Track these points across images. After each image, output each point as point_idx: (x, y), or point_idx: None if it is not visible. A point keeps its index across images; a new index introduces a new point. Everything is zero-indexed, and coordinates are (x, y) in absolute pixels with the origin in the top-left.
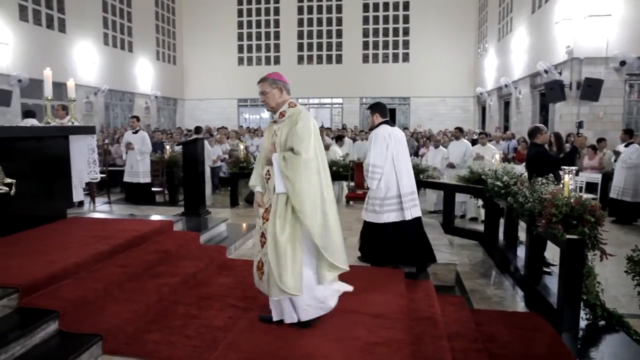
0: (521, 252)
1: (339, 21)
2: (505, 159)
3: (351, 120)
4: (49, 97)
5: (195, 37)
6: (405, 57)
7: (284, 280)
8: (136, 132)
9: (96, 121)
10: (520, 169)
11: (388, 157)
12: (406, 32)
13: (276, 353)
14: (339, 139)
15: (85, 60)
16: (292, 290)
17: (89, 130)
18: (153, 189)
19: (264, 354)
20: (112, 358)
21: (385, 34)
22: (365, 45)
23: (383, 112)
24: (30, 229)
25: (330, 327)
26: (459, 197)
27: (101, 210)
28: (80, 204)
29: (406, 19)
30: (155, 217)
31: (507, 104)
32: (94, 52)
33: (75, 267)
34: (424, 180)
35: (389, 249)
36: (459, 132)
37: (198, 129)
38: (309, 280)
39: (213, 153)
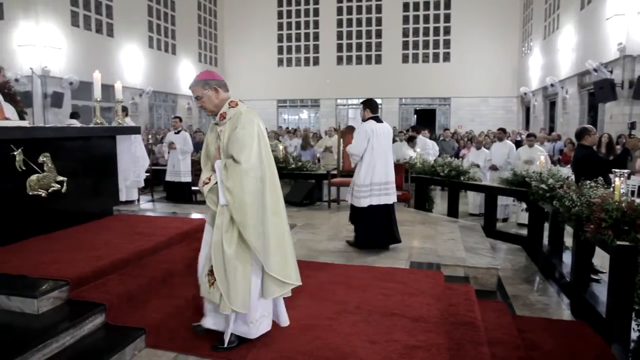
0: (567, 258)
1: (379, 21)
2: (550, 161)
3: (390, 120)
4: (98, 99)
5: (235, 39)
6: (446, 57)
7: (232, 297)
8: (178, 132)
9: (141, 122)
10: (566, 171)
11: (368, 149)
12: (447, 31)
13: (312, 353)
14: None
15: (131, 63)
16: (239, 308)
17: (134, 130)
18: (193, 188)
19: (299, 353)
20: (155, 351)
21: (426, 33)
22: (405, 45)
23: (373, 109)
24: (79, 224)
25: (368, 329)
26: (502, 200)
27: (145, 208)
28: (130, 202)
29: (447, 18)
30: (195, 216)
31: (552, 104)
32: (140, 55)
33: (121, 262)
34: (464, 182)
35: (367, 229)
36: (502, 133)
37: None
38: (254, 294)
39: None
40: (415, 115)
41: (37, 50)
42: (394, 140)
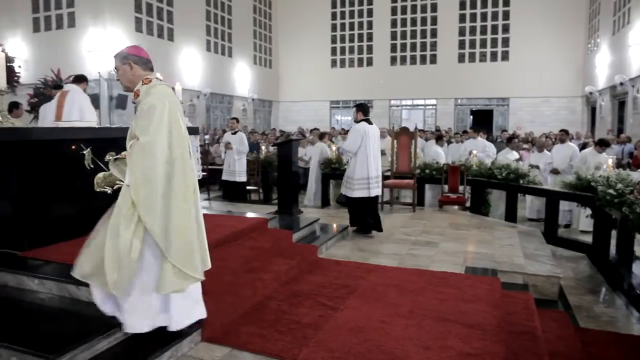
0: (637, 268)
1: (434, 20)
2: (619, 164)
3: (445, 122)
4: None
5: (290, 41)
6: (505, 56)
7: (110, 275)
8: (235, 132)
9: (198, 123)
10: (637, 175)
11: (362, 147)
12: (506, 29)
13: (364, 355)
14: (439, 139)
15: (189, 66)
16: (112, 287)
17: (192, 131)
18: (248, 187)
19: (351, 354)
20: (210, 346)
21: (483, 31)
22: (461, 44)
23: (365, 112)
24: None
25: (421, 334)
26: (564, 205)
27: (201, 205)
28: None
29: (506, 15)
30: (250, 215)
31: (621, 104)
32: (198, 58)
33: None
34: (524, 186)
35: (359, 215)
36: (564, 135)
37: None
38: (145, 286)
39: (305, 154)
40: (472, 116)
41: (104, 55)
42: (449, 142)
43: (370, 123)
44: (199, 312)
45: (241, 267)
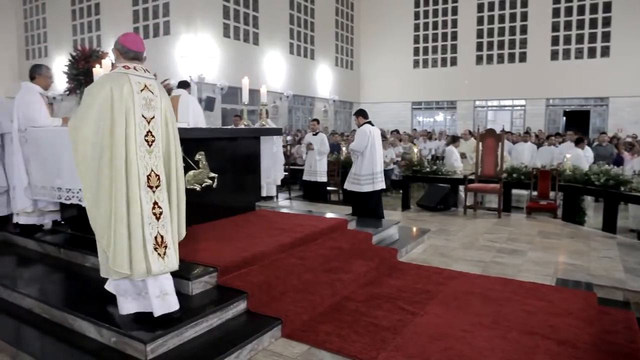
0: None
1: (524, 16)
2: None
3: (535, 123)
4: (246, 102)
5: (371, 42)
6: (605, 51)
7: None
8: (316, 134)
9: (280, 123)
10: None
11: (368, 146)
12: (607, 22)
13: None
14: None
15: (273, 69)
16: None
17: (276, 131)
18: (328, 188)
19: None
20: (289, 342)
21: (580, 26)
22: (555, 40)
23: (365, 116)
24: (226, 217)
25: (506, 346)
26: None
27: (282, 205)
28: (269, 198)
29: (607, 7)
30: (330, 215)
31: None
32: (281, 61)
33: (262, 255)
34: (625, 194)
35: (365, 207)
36: None
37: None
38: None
39: (385, 156)
40: (565, 118)
41: (195, 59)
42: (538, 145)
43: (372, 125)
44: (167, 304)
45: (320, 266)
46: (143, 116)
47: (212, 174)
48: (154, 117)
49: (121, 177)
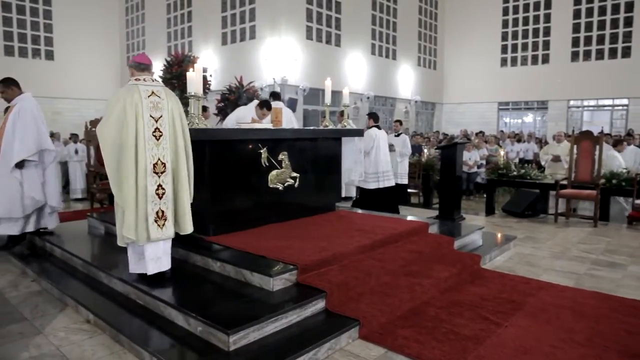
0: None
1: (629, 7)
2: None
3: (639, 124)
4: (328, 104)
5: (456, 41)
6: None
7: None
8: (398, 135)
9: (361, 125)
10: None
11: (374, 147)
12: None
13: None
14: (617, 143)
15: (354, 70)
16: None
17: (358, 133)
18: (409, 190)
19: None
20: (367, 344)
21: None
22: None
23: (376, 119)
24: (307, 217)
25: None
26: None
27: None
28: (349, 199)
29: None
30: (410, 218)
31: None
32: (363, 62)
33: (341, 255)
34: None
35: (372, 201)
36: None
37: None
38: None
39: (470, 158)
40: None
41: (278, 62)
42: None
43: (379, 128)
44: (159, 265)
45: (400, 269)
46: (151, 116)
47: (294, 174)
48: (161, 117)
49: (132, 165)
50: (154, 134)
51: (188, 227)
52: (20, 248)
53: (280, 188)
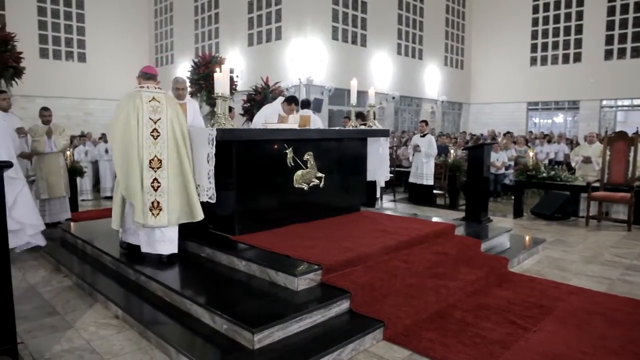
0: None
1: None
2: None
3: None
4: (354, 104)
5: (484, 40)
6: None
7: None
8: (424, 135)
9: (386, 125)
10: None
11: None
12: None
13: None
14: None
15: (380, 70)
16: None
17: (384, 133)
18: (435, 191)
19: None
20: (391, 346)
21: None
22: None
23: (363, 119)
24: (331, 217)
25: None
26: None
27: (387, 207)
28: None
29: None
30: (436, 219)
31: None
32: (388, 62)
33: (366, 256)
34: None
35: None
36: None
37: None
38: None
39: (497, 159)
40: None
41: (304, 62)
42: None
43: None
44: (163, 249)
45: (425, 271)
46: (150, 118)
47: (320, 174)
48: (160, 119)
49: (134, 160)
50: (152, 134)
51: (199, 215)
52: (53, 245)
53: (305, 188)
